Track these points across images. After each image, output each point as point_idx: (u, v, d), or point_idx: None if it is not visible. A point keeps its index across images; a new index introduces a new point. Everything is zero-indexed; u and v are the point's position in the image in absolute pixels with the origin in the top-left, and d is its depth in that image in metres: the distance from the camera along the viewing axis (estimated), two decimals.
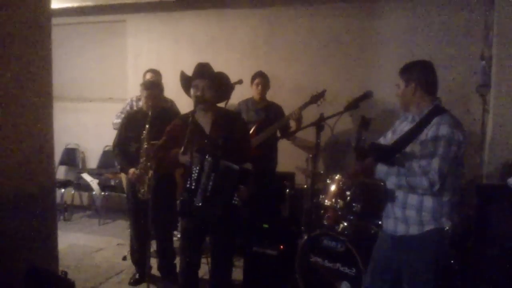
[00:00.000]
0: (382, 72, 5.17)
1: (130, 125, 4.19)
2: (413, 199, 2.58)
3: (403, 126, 2.75)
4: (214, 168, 2.98)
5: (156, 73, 5.14)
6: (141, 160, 4.00)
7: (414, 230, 2.60)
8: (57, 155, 5.91)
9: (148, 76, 5.09)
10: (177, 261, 4.23)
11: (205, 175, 2.99)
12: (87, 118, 6.76)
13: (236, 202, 3.07)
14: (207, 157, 2.98)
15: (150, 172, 3.92)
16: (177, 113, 4.57)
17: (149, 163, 3.90)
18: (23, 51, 3.31)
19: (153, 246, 4.30)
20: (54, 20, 3.63)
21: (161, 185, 3.94)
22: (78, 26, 6.87)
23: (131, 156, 4.13)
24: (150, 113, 3.97)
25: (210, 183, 2.98)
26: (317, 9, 5.60)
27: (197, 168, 2.99)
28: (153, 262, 4.27)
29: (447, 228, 2.56)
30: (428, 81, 2.67)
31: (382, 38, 5.30)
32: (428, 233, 2.57)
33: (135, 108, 4.87)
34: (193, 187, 3.00)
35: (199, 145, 3.01)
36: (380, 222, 3.12)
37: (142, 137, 3.95)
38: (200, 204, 2.98)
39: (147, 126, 3.92)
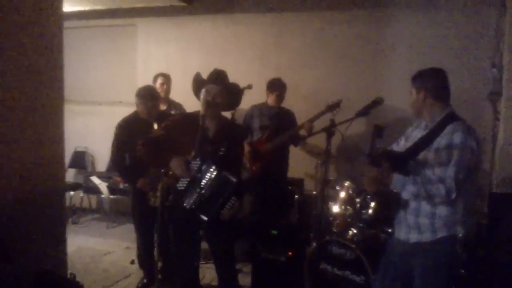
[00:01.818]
0: (393, 78, 5.16)
1: (128, 134, 4.08)
2: (426, 206, 2.57)
3: (416, 133, 2.74)
4: (216, 177, 2.98)
5: (166, 77, 5.17)
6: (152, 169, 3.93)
7: (427, 237, 2.60)
8: (67, 158, 5.90)
9: (159, 80, 5.12)
10: None
11: (204, 182, 2.99)
12: (96, 121, 6.78)
13: (223, 211, 3.08)
14: (212, 165, 2.98)
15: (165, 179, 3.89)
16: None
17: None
18: (35, 54, 3.33)
19: None
20: (65, 23, 3.65)
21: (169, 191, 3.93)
22: (88, 29, 6.90)
23: (134, 165, 4.07)
24: (155, 123, 3.91)
25: (207, 190, 2.99)
26: (327, 15, 5.60)
27: (197, 172, 2.99)
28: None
29: (460, 235, 2.55)
30: (439, 89, 2.66)
31: (393, 44, 5.29)
32: (441, 240, 2.57)
33: None
34: (182, 188, 3.02)
35: (202, 150, 3.01)
36: (389, 230, 3.10)
37: None
38: (189, 207, 3.00)
39: None
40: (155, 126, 3.90)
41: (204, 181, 3.00)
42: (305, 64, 5.72)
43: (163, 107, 4.99)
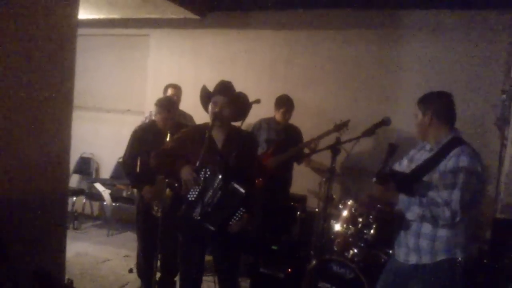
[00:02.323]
0: (401, 100, 5.16)
1: (142, 141, 4.13)
2: (427, 228, 2.56)
3: (420, 155, 2.74)
4: (223, 187, 2.97)
5: (177, 88, 5.18)
6: (159, 177, 3.92)
7: (426, 259, 2.58)
8: (72, 163, 5.94)
9: (170, 91, 5.13)
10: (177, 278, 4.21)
11: (211, 192, 2.98)
12: (104, 129, 6.83)
13: (232, 223, 3.04)
14: (218, 175, 2.98)
15: (168, 190, 3.89)
16: None
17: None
18: (48, 59, 3.37)
19: None
20: (79, 31, 3.69)
21: (176, 202, 3.91)
22: (101, 37, 6.99)
23: (143, 172, 4.11)
24: (169, 133, 3.93)
25: (215, 200, 2.98)
26: (339, 34, 5.64)
27: (203, 182, 2.98)
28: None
29: (460, 259, 2.53)
30: (444, 112, 2.67)
31: (402, 65, 5.31)
32: (441, 263, 2.55)
33: None
34: (193, 198, 3.00)
35: (211, 160, 3.01)
36: (390, 251, 3.08)
37: None
38: (198, 218, 2.98)
39: None
40: (169, 137, 3.92)
41: (210, 191, 2.99)
42: (313, 82, 5.74)
43: None
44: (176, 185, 3.08)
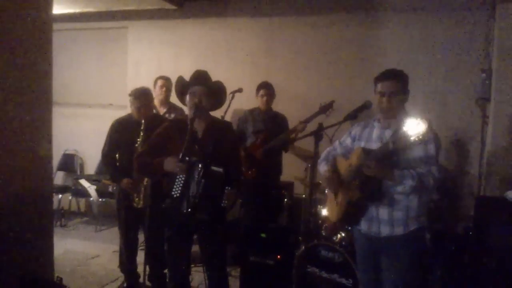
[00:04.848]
0: None
1: (119, 133, 4.11)
2: (400, 199, 2.66)
3: (368, 132, 2.87)
4: (205, 175, 2.97)
5: (166, 80, 5.11)
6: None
7: (399, 230, 2.69)
8: (55, 161, 5.89)
9: (159, 83, 5.05)
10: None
11: (195, 182, 2.97)
12: (86, 124, 6.75)
13: (224, 205, 3.06)
14: (198, 164, 2.97)
15: (146, 180, 3.88)
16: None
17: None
18: (24, 56, 3.31)
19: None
20: (55, 26, 3.63)
21: (159, 193, 3.90)
22: (79, 32, 6.89)
23: (121, 165, 4.08)
24: (143, 122, 3.91)
25: (200, 189, 2.97)
26: (319, 19, 5.63)
27: (183, 175, 2.98)
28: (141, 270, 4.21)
29: (425, 226, 2.73)
30: None
31: (383, 48, 5.31)
32: (412, 233, 2.68)
33: None
34: (178, 194, 2.99)
35: (191, 151, 2.99)
36: None
37: (136, 145, 3.89)
38: (188, 210, 2.97)
39: (141, 134, 3.87)
40: (143, 126, 3.89)
41: (193, 182, 2.98)
42: (295, 68, 5.74)
43: (162, 110, 4.94)
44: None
